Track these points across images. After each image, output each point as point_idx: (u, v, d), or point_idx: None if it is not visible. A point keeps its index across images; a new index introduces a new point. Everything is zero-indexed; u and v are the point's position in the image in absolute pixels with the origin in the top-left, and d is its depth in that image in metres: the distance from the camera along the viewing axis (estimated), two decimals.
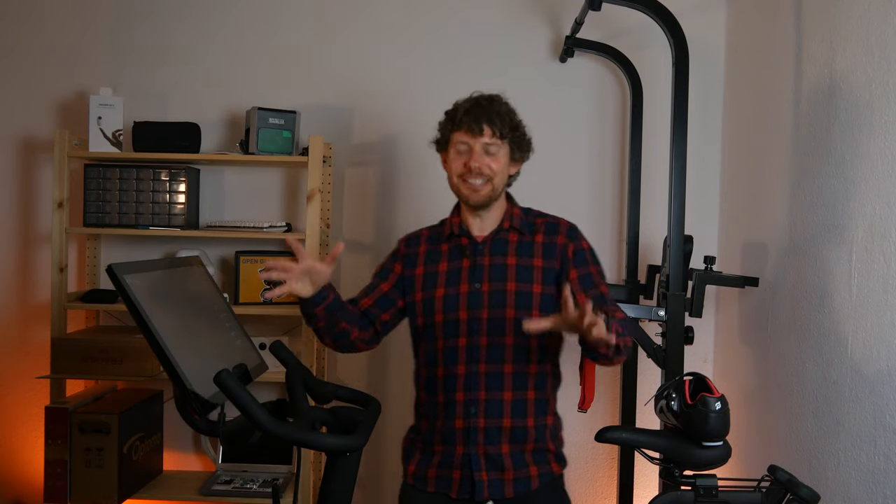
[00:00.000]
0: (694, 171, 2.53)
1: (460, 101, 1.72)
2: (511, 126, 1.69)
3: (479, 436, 1.66)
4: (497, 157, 1.68)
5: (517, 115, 1.73)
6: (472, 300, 1.68)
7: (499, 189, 1.70)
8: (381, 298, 1.77)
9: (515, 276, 1.68)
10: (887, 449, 1.52)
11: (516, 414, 1.66)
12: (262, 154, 2.52)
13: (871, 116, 1.63)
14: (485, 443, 1.66)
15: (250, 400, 1.27)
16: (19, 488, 2.81)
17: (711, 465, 1.45)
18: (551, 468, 1.70)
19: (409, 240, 1.84)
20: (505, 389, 1.66)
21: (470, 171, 1.66)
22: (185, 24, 2.78)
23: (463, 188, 1.69)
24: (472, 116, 1.65)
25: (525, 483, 1.67)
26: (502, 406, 1.66)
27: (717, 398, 1.42)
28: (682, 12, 2.11)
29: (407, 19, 2.74)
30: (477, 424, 1.66)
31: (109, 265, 1.27)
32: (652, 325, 2.18)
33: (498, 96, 1.71)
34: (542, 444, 1.69)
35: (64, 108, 2.80)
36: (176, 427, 2.73)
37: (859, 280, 1.66)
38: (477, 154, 1.66)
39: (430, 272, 1.75)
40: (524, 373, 1.67)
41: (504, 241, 1.72)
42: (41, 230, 2.80)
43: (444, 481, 1.70)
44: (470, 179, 1.67)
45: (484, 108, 1.66)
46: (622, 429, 1.45)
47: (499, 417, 1.66)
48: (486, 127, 1.64)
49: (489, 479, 1.65)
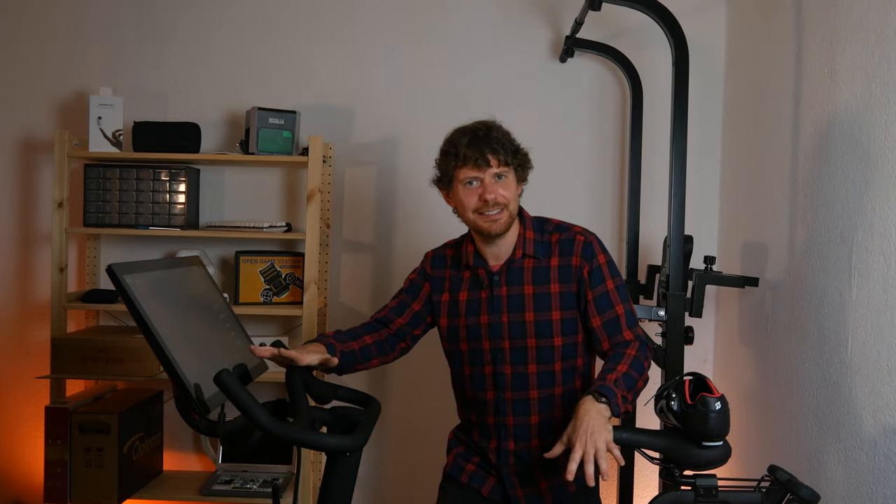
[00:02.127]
0: (694, 171, 2.53)
1: (454, 135, 1.66)
2: (513, 151, 1.67)
3: (511, 458, 1.70)
4: (507, 183, 1.65)
5: (513, 136, 1.70)
6: (493, 331, 1.69)
7: (514, 213, 1.68)
8: (413, 317, 1.80)
9: (533, 306, 1.67)
10: (887, 449, 1.52)
11: (544, 434, 1.68)
12: (262, 154, 2.52)
13: (871, 116, 1.63)
14: (516, 464, 1.70)
15: (250, 400, 1.27)
16: (19, 488, 2.82)
17: (711, 465, 1.45)
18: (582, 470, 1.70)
19: (434, 259, 1.83)
20: (532, 414, 1.69)
21: (486, 204, 1.63)
22: (184, 24, 2.78)
23: (482, 222, 1.65)
24: (475, 150, 1.61)
25: (561, 490, 1.69)
26: (530, 429, 1.69)
27: (717, 398, 1.42)
28: (682, 12, 2.11)
29: (407, 19, 2.74)
30: (507, 447, 1.70)
31: (109, 265, 1.27)
32: (652, 325, 2.18)
33: (493, 122, 1.67)
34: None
35: (64, 108, 2.80)
36: (176, 427, 2.73)
37: (859, 280, 1.66)
38: (489, 185, 1.62)
39: (453, 300, 1.76)
40: (550, 395, 1.69)
41: (519, 269, 1.70)
42: (41, 230, 2.81)
43: (478, 478, 1.75)
44: (487, 212, 1.64)
45: (483, 138, 1.63)
46: (622, 429, 1.44)
47: (528, 440, 1.69)
48: (491, 157, 1.61)
49: (525, 493, 1.70)
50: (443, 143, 1.69)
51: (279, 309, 2.56)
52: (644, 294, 2.48)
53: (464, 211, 1.67)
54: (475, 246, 1.74)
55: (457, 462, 1.79)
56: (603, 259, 1.70)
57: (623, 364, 1.55)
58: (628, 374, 1.53)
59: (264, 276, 2.60)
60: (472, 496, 1.74)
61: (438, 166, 1.70)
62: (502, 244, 1.70)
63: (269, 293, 2.59)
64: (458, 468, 1.78)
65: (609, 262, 1.71)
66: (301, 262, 2.60)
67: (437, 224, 2.07)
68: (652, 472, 2.59)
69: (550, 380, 1.68)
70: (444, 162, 1.67)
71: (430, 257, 1.84)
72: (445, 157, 1.67)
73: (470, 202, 1.65)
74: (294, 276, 2.63)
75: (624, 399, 1.48)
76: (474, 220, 1.66)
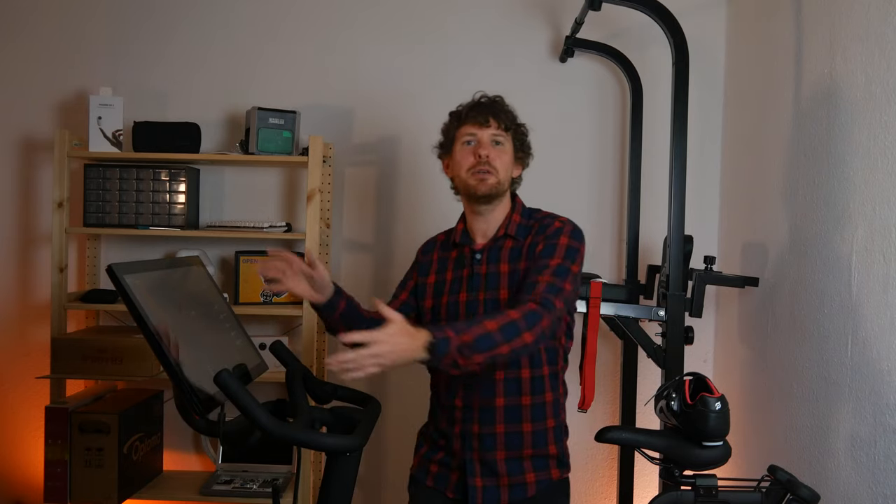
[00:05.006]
0: (694, 171, 2.54)
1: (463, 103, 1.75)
2: (514, 122, 1.74)
3: (475, 441, 1.67)
4: (503, 151, 1.70)
5: (518, 117, 1.77)
6: (469, 309, 1.69)
7: (504, 185, 1.70)
8: (401, 306, 1.81)
9: (507, 283, 1.67)
10: (887, 449, 1.52)
11: (510, 419, 1.66)
12: (262, 154, 2.52)
13: (871, 116, 1.63)
14: (480, 448, 1.66)
15: (250, 400, 1.27)
16: (19, 488, 2.81)
17: (711, 465, 1.46)
18: (550, 474, 1.68)
19: (425, 246, 1.87)
20: (497, 395, 1.66)
21: (479, 161, 1.67)
22: (185, 24, 2.78)
23: (471, 179, 1.68)
24: (477, 111, 1.70)
25: (521, 489, 1.66)
26: (495, 412, 1.66)
27: (717, 398, 1.42)
28: (682, 12, 2.11)
29: (407, 19, 2.74)
30: (472, 430, 1.67)
31: (109, 265, 1.27)
32: (652, 325, 2.18)
33: (500, 97, 1.76)
34: (541, 450, 1.67)
35: (64, 108, 2.80)
36: (176, 427, 2.73)
37: (859, 280, 1.66)
38: (485, 143, 1.69)
39: (439, 280, 1.77)
40: (517, 378, 1.66)
41: (500, 248, 1.72)
42: (41, 230, 2.80)
43: (442, 479, 1.71)
44: (479, 168, 1.67)
45: (488, 104, 1.72)
46: (622, 429, 1.45)
47: (492, 424, 1.66)
48: (491, 119, 1.69)
49: (483, 485, 1.66)
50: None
51: (279, 309, 2.56)
52: (644, 294, 2.48)
53: (459, 171, 1.71)
54: (465, 224, 1.77)
55: (422, 464, 1.77)
56: (565, 241, 1.64)
57: (493, 322, 1.44)
58: (489, 335, 1.42)
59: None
60: (438, 499, 1.72)
61: (442, 131, 1.78)
62: (490, 219, 1.73)
63: (269, 293, 2.59)
64: (424, 470, 1.76)
65: (569, 247, 1.63)
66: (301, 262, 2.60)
67: (438, 224, 2.07)
68: (652, 472, 2.59)
69: (517, 361, 1.65)
70: (448, 124, 1.76)
71: (421, 248, 1.88)
72: (450, 119, 1.76)
73: (465, 160, 1.69)
74: None
75: (455, 364, 1.39)
76: (466, 180, 1.70)
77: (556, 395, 1.71)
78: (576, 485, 2.70)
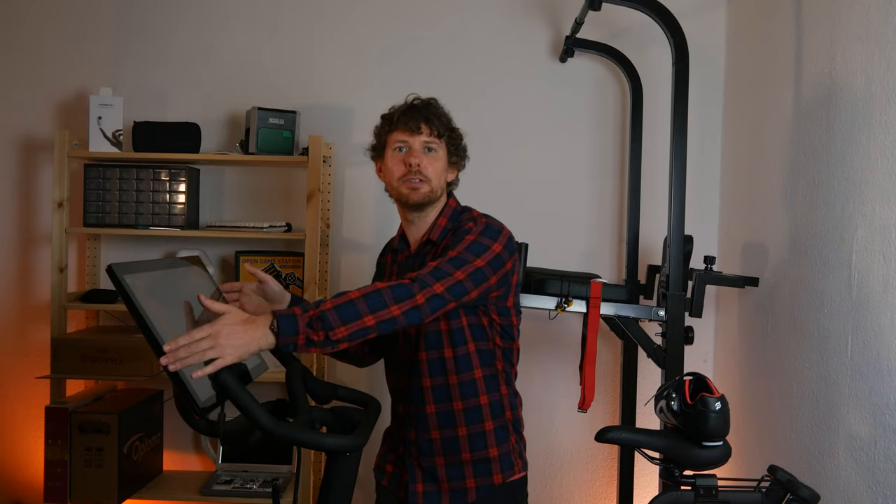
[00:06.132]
0: (694, 171, 2.54)
1: (396, 105, 1.70)
2: (448, 127, 1.68)
3: (413, 448, 1.66)
4: (436, 157, 1.66)
5: (453, 120, 1.71)
6: None
7: (437, 192, 1.66)
8: None
9: None
10: (887, 449, 1.52)
11: (444, 425, 1.62)
12: (262, 154, 2.52)
13: (871, 116, 1.63)
14: (419, 455, 1.65)
15: (250, 400, 1.27)
16: (19, 488, 2.81)
17: (711, 465, 1.46)
18: (492, 479, 1.61)
19: (382, 251, 1.85)
20: (427, 403, 1.63)
21: (409, 170, 1.62)
22: (185, 24, 2.78)
23: (403, 188, 1.64)
24: (408, 116, 1.64)
25: (461, 495, 1.62)
26: (427, 419, 1.63)
27: (717, 398, 1.42)
28: (682, 12, 2.11)
29: (407, 19, 2.74)
30: (409, 437, 1.66)
31: (109, 265, 1.27)
32: (652, 325, 2.18)
33: (434, 100, 1.70)
34: (480, 453, 1.61)
35: (64, 108, 2.81)
36: (176, 427, 2.73)
37: (859, 280, 1.66)
38: (416, 151, 1.64)
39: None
40: (444, 385, 1.61)
41: (425, 254, 1.68)
42: (41, 230, 2.80)
43: (394, 480, 1.71)
44: (410, 178, 1.63)
45: (420, 109, 1.66)
46: (622, 429, 1.45)
47: (427, 430, 1.63)
48: (423, 125, 1.63)
49: (424, 490, 1.63)
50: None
51: None
52: (644, 294, 2.48)
53: (391, 179, 1.67)
54: (402, 227, 1.75)
55: (380, 463, 1.77)
56: (471, 238, 1.55)
57: (357, 292, 1.39)
58: (352, 303, 1.36)
59: None
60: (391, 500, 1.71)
61: (374, 133, 1.72)
62: (420, 224, 1.69)
63: None
64: (381, 470, 1.76)
65: (476, 242, 1.54)
66: (301, 262, 2.60)
67: None
68: (652, 472, 2.59)
69: (441, 367, 1.61)
70: (380, 128, 1.70)
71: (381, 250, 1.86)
72: (382, 123, 1.70)
73: (396, 169, 1.65)
74: (294, 276, 2.63)
75: (311, 342, 1.32)
76: (398, 188, 1.65)
77: (493, 397, 1.64)
78: (576, 485, 2.71)
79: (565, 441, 2.71)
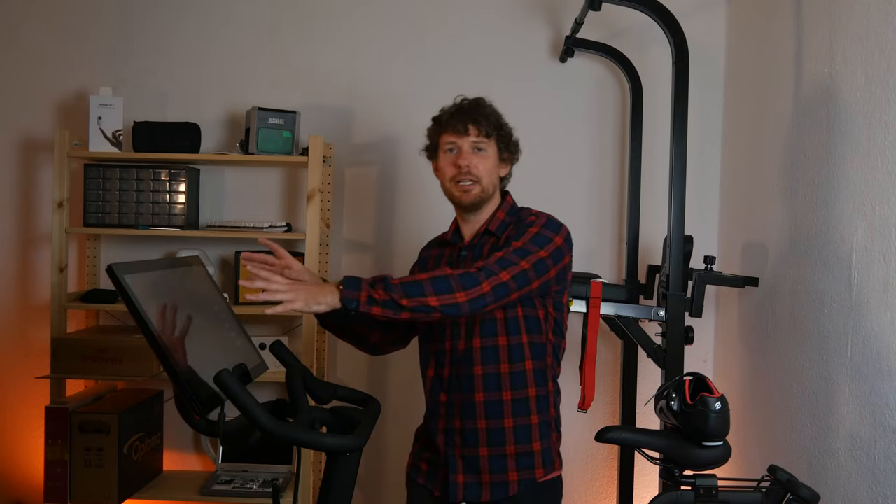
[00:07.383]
0: (694, 171, 2.54)
1: (446, 107, 1.74)
2: (496, 125, 1.71)
3: (457, 437, 1.66)
4: (486, 156, 1.69)
5: (502, 116, 1.74)
6: None
7: (489, 191, 1.70)
8: None
9: None
10: (887, 449, 1.52)
11: (491, 415, 1.64)
12: (262, 154, 2.52)
13: (871, 116, 1.63)
14: (462, 444, 1.66)
15: (250, 400, 1.27)
16: (19, 488, 2.81)
17: (711, 465, 1.46)
18: (534, 473, 1.64)
19: (428, 244, 1.88)
20: (476, 391, 1.64)
21: (460, 171, 1.67)
22: (185, 24, 2.78)
23: (455, 190, 1.70)
24: (457, 118, 1.69)
25: (502, 488, 1.63)
26: (475, 408, 1.64)
27: (717, 398, 1.42)
28: (682, 12, 2.11)
29: (407, 19, 2.74)
30: (454, 426, 1.67)
31: (109, 265, 1.27)
32: (652, 325, 2.18)
33: (481, 98, 1.73)
34: (524, 446, 1.64)
35: (64, 108, 2.81)
36: (176, 427, 2.73)
37: (859, 280, 1.66)
38: (466, 153, 1.67)
39: None
40: (496, 374, 1.64)
41: (482, 244, 1.71)
42: (41, 230, 2.80)
43: (431, 477, 1.72)
44: (461, 180, 1.68)
45: (468, 109, 1.70)
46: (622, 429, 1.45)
47: (473, 419, 1.65)
48: (471, 126, 1.67)
49: (465, 481, 1.64)
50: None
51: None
52: (644, 294, 2.48)
53: (443, 180, 1.73)
54: (457, 222, 1.78)
55: (414, 462, 1.78)
56: (534, 230, 1.62)
57: (426, 275, 1.48)
58: (418, 282, 1.45)
59: None
60: (427, 497, 1.72)
61: (427, 135, 1.77)
62: (475, 220, 1.74)
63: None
64: (416, 468, 1.76)
65: (539, 234, 1.61)
66: (301, 262, 2.59)
67: (437, 223, 2.07)
68: (652, 472, 2.59)
69: (494, 356, 1.63)
70: (431, 129, 1.76)
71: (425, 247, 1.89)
72: (433, 125, 1.75)
73: (448, 170, 1.70)
74: None
75: (373, 300, 1.41)
76: (450, 189, 1.71)
77: (540, 391, 1.67)
78: (576, 485, 2.71)
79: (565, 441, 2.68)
